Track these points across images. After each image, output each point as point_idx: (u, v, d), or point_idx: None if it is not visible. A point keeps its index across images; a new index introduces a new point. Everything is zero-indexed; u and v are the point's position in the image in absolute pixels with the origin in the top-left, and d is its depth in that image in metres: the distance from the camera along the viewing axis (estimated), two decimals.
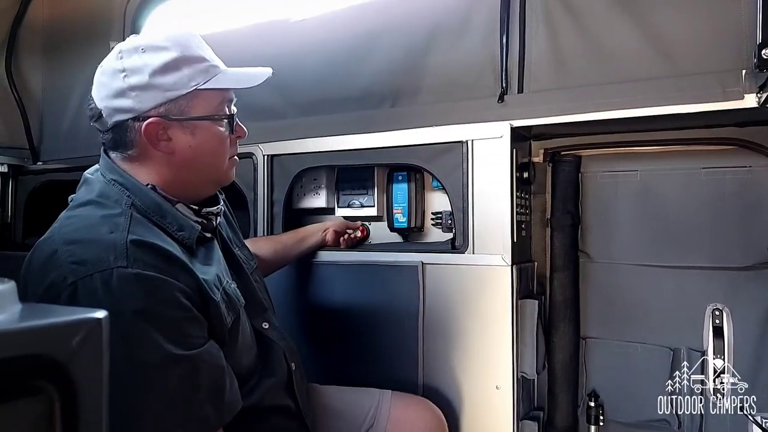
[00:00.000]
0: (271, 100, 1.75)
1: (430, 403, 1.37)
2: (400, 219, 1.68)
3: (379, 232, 1.75)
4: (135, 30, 2.13)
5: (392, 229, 1.71)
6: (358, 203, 1.72)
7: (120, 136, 0.98)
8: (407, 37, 1.56)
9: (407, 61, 1.55)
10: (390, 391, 1.36)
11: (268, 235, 1.70)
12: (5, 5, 2.23)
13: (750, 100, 1.17)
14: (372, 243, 1.75)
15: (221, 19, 1.96)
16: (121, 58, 0.97)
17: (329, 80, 1.67)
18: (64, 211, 0.97)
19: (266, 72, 1.08)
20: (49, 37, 2.30)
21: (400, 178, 1.69)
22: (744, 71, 1.17)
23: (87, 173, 1.03)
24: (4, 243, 2.38)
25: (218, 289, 0.97)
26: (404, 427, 1.28)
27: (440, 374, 1.47)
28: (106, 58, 1.01)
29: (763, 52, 1.09)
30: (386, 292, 1.53)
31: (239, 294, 1.06)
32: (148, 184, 0.98)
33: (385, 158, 1.57)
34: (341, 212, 1.75)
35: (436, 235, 1.71)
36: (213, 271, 1.00)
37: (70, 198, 1.01)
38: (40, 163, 2.29)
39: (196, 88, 0.97)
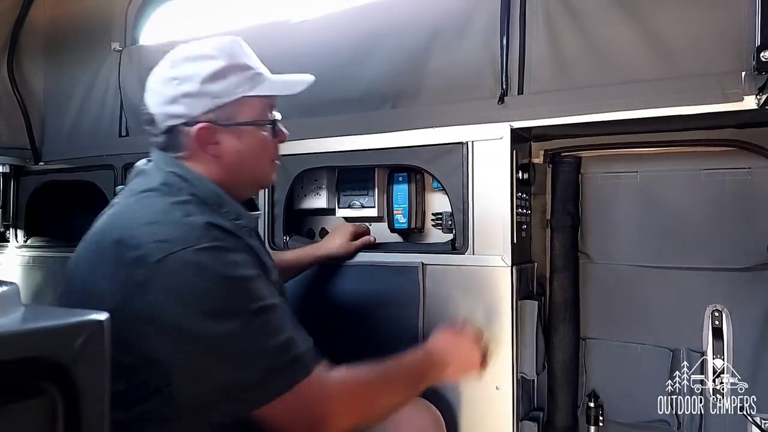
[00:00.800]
0: None
1: (428, 403, 1.37)
2: (401, 220, 1.68)
3: (380, 232, 1.75)
4: (136, 31, 2.14)
5: (392, 229, 1.72)
6: (359, 204, 1.72)
7: (172, 139, 1.03)
8: (408, 39, 1.56)
9: (408, 63, 1.56)
10: None
11: (267, 235, 1.71)
12: (7, 6, 2.23)
13: (750, 102, 1.17)
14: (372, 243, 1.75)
15: (222, 20, 1.96)
16: (174, 66, 1.03)
17: (330, 81, 1.67)
18: (121, 198, 1.01)
19: (308, 79, 1.15)
20: (50, 38, 2.30)
21: (400, 178, 1.69)
22: (744, 73, 1.17)
23: (140, 165, 1.07)
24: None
25: (273, 275, 1.04)
26: (402, 427, 1.28)
27: None
28: (158, 67, 1.07)
29: (762, 54, 1.10)
30: (386, 293, 1.53)
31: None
32: None
33: (386, 159, 1.58)
34: (342, 213, 1.75)
35: (436, 235, 1.71)
36: (267, 259, 1.06)
37: (119, 188, 1.06)
38: (42, 163, 2.30)
39: (243, 95, 1.03)
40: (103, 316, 0.43)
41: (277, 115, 1.12)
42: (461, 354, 1.17)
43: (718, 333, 1.45)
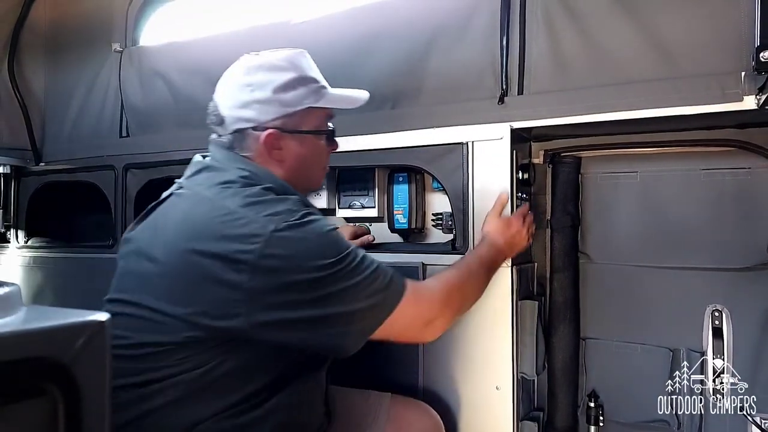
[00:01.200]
0: None
1: (428, 407, 1.38)
2: (401, 220, 1.68)
3: (380, 232, 1.75)
4: (136, 32, 2.14)
5: (393, 230, 1.72)
6: (359, 204, 1.73)
7: (239, 139, 1.10)
8: (408, 39, 1.56)
9: (408, 63, 1.56)
10: (389, 394, 1.37)
11: None
12: (7, 7, 2.24)
13: (749, 102, 1.17)
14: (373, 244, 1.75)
15: (222, 20, 1.97)
16: (248, 73, 1.10)
17: (330, 82, 1.66)
18: (198, 189, 1.05)
19: (364, 96, 1.25)
20: (51, 38, 2.31)
21: (400, 179, 1.69)
22: (743, 73, 1.17)
23: (203, 161, 1.13)
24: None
25: None
26: (402, 431, 1.30)
27: (440, 374, 1.47)
28: (233, 72, 1.13)
29: (762, 54, 1.10)
30: None
31: None
32: None
33: (386, 159, 1.58)
34: (342, 213, 1.76)
35: (436, 236, 1.71)
36: None
37: (178, 183, 1.12)
38: (43, 164, 2.30)
39: (308, 106, 1.11)
40: (104, 316, 0.44)
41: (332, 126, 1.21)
42: (513, 234, 1.33)
43: (718, 333, 1.46)
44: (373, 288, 0.98)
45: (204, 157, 1.15)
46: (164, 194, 1.13)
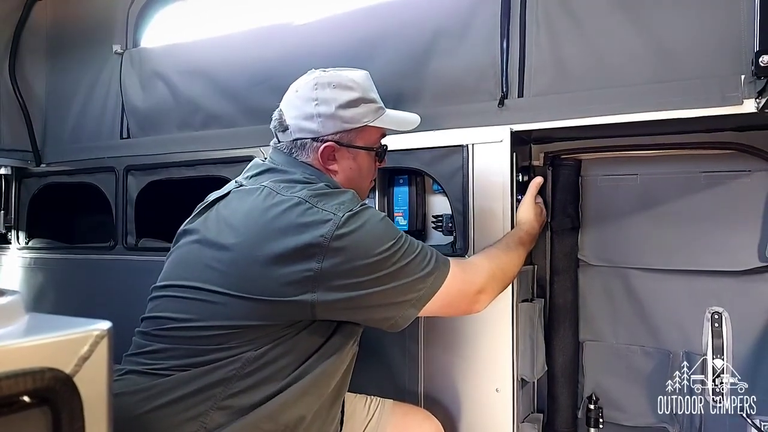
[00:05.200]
0: (274, 103, 1.75)
1: (428, 413, 1.39)
2: (401, 222, 1.68)
3: None
4: (137, 34, 2.14)
5: None
6: None
7: (298, 147, 1.18)
8: (408, 42, 1.56)
9: (408, 66, 1.56)
10: (390, 400, 1.38)
11: None
12: (9, 8, 2.24)
13: (749, 105, 1.18)
14: None
15: (224, 22, 1.97)
16: (316, 89, 1.17)
17: None
18: (265, 183, 1.10)
19: (417, 120, 1.34)
20: (52, 40, 2.31)
21: (400, 181, 1.69)
22: (743, 76, 1.18)
23: (264, 163, 1.20)
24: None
25: None
26: None
27: (440, 377, 1.48)
28: (302, 86, 1.20)
29: (761, 59, 1.10)
30: None
31: None
32: None
33: (386, 161, 1.58)
34: None
35: (436, 238, 1.72)
36: None
37: (237, 182, 1.18)
38: (44, 165, 2.30)
39: (366, 124, 1.19)
40: (106, 325, 0.44)
41: (384, 142, 1.28)
42: (543, 221, 1.49)
43: (717, 335, 1.46)
44: (426, 263, 1.07)
45: (263, 160, 1.22)
46: (219, 192, 1.18)
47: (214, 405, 1.00)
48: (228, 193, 1.15)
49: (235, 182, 1.19)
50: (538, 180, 1.47)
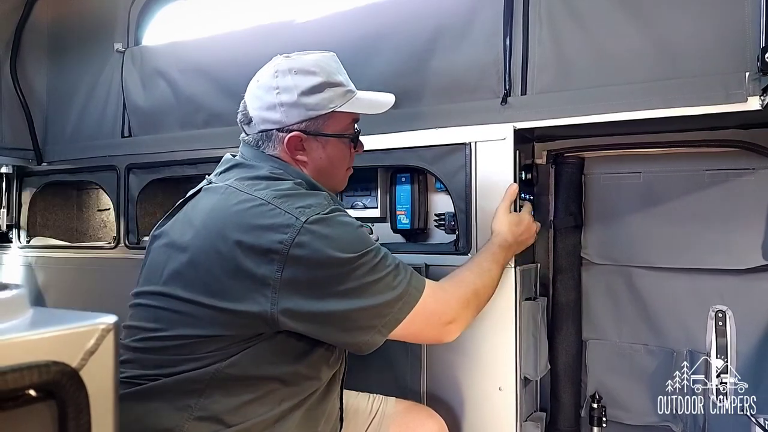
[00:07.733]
0: None
1: (431, 410, 1.38)
2: (404, 220, 1.68)
3: (383, 233, 1.75)
4: (139, 32, 2.14)
5: (395, 230, 1.72)
6: (362, 204, 1.73)
7: (265, 139, 1.14)
8: (411, 39, 1.56)
9: (411, 63, 1.56)
10: (393, 398, 1.38)
11: None
12: (10, 7, 2.24)
13: (753, 103, 1.17)
14: None
15: (225, 20, 1.96)
16: (277, 76, 1.12)
17: None
18: (229, 183, 1.06)
19: (390, 101, 1.25)
20: (53, 38, 2.31)
21: (403, 179, 1.69)
22: (747, 74, 1.17)
23: (233, 158, 1.16)
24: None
25: None
26: None
27: (443, 375, 1.47)
28: (263, 75, 1.16)
29: (767, 56, 1.09)
30: None
31: None
32: None
33: (389, 160, 1.58)
34: None
35: (439, 236, 1.71)
36: None
37: (208, 179, 1.14)
38: (45, 164, 2.30)
39: (333, 110, 1.12)
40: (112, 318, 0.43)
41: (359, 129, 1.22)
42: (522, 230, 1.34)
43: (721, 334, 1.45)
44: (395, 284, 1.00)
45: (233, 155, 1.18)
46: (192, 190, 1.14)
47: (189, 416, 0.96)
48: (199, 191, 1.12)
49: (207, 180, 1.15)
50: (513, 188, 1.37)
